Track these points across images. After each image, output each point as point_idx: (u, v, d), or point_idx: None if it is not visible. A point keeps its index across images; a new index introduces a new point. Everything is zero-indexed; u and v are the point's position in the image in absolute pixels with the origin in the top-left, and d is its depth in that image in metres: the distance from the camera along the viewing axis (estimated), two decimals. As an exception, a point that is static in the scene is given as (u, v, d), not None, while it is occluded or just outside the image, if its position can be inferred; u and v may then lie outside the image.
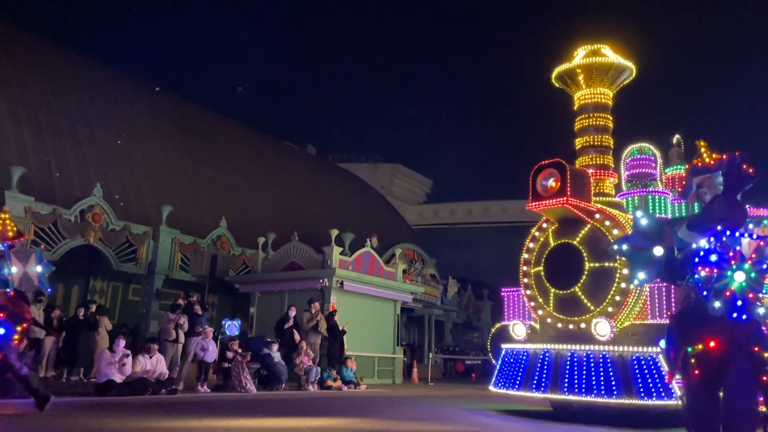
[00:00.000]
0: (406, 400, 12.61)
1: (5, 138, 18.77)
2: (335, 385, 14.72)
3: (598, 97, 10.17)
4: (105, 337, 14.45)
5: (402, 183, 52.20)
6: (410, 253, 26.70)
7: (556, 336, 9.11)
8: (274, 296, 18.95)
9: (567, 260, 9.03)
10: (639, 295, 8.69)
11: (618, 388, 8.12)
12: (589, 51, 10.17)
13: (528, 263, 9.69)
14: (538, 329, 9.58)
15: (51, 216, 17.04)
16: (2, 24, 23.78)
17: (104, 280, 19.67)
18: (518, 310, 10.47)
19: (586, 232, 9.00)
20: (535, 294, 9.50)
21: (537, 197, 8.95)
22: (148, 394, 10.80)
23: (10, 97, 19.89)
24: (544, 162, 8.98)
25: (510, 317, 10.43)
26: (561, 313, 9.09)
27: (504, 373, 9.58)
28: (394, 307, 20.58)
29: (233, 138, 30.45)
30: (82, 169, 20.32)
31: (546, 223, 9.60)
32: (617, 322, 8.57)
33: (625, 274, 8.44)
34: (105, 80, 25.48)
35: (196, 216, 23.24)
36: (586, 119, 10.20)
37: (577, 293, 8.92)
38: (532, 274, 9.58)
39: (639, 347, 8.22)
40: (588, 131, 10.17)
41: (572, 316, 8.96)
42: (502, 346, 9.86)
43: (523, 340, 9.45)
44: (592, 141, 10.14)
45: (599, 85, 10.14)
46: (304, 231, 22.55)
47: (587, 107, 10.21)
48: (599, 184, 9.93)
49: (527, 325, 9.58)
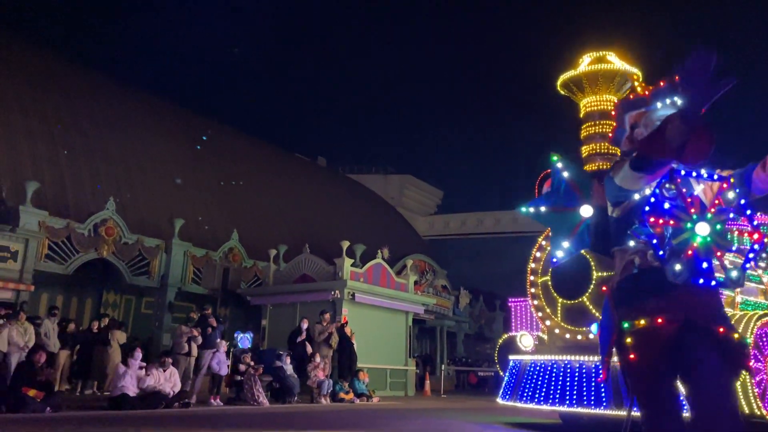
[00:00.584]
0: (417, 412, 12.54)
1: (20, 153, 19.01)
2: (347, 397, 14.67)
3: (604, 105, 10.01)
4: (118, 351, 14.50)
5: (412, 194, 52.18)
6: (421, 264, 26.66)
7: (564, 347, 8.96)
8: (286, 308, 18.97)
9: (574, 270, 8.77)
10: None
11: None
12: (594, 58, 10.08)
13: (535, 273, 9.53)
14: (546, 340, 9.43)
15: (65, 230, 17.20)
16: (17, 41, 24.16)
17: (117, 293, 19.80)
18: (525, 321, 10.30)
19: None
20: (542, 304, 9.33)
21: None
22: (161, 407, 10.82)
23: (25, 112, 20.15)
24: (549, 170, 8.91)
25: (517, 328, 10.25)
26: (569, 323, 8.92)
27: (511, 385, 9.40)
28: (406, 319, 20.53)
29: (244, 151, 30.64)
30: (95, 183, 20.52)
31: None
32: None
33: None
34: (117, 95, 25.78)
35: (208, 229, 23.36)
36: (591, 127, 10.06)
37: (585, 303, 8.74)
38: (539, 284, 9.43)
39: None
40: (594, 139, 9.99)
41: (581, 327, 8.77)
42: (510, 357, 9.69)
43: (530, 351, 9.30)
44: (599, 149, 9.93)
45: (605, 92, 10.00)
46: (316, 243, 22.59)
47: (593, 115, 10.07)
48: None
49: (534, 336, 9.42)
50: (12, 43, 23.37)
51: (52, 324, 13.64)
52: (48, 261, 16.82)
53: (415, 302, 21.02)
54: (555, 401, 8.51)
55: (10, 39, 23.70)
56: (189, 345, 13.17)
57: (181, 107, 30.85)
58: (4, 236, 15.42)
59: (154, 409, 10.63)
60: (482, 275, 51.12)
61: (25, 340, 12.49)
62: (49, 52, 25.92)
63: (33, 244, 16.02)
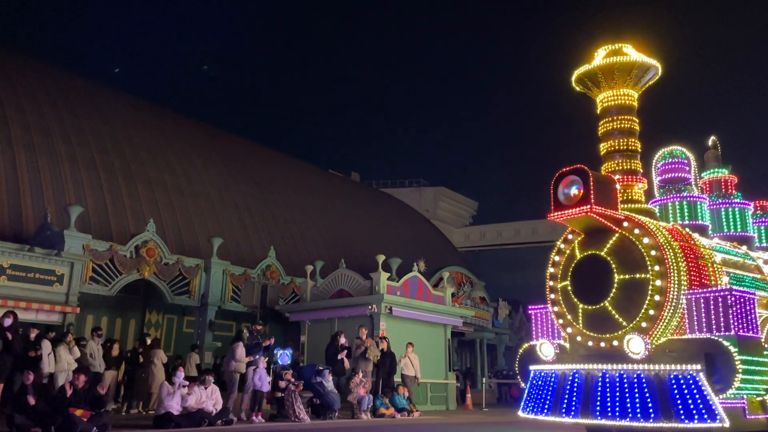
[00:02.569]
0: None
1: (64, 179, 19.60)
2: (388, 412, 14.58)
3: (621, 99, 9.58)
4: (161, 370, 14.73)
5: (447, 206, 51.99)
6: (458, 276, 26.45)
7: (587, 355, 8.52)
8: (324, 324, 19.01)
9: (595, 273, 8.40)
10: (675, 308, 8.04)
11: (655, 410, 7.42)
12: (610, 51, 9.61)
13: (554, 278, 9.07)
14: (568, 348, 8.96)
15: (108, 252, 17.60)
16: (57, 69, 25.02)
17: (159, 312, 20.13)
18: (546, 329, 9.82)
19: (614, 242, 8.39)
20: (563, 311, 8.87)
21: (559, 207, 8.33)
22: (204, 425, 10.94)
23: (67, 139, 20.80)
24: (565, 169, 8.39)
25: (538, 336, 9.79)
26: (591, 330, 8.47)
27: (532, 397, 8.93)
28: (445, 332, 20.36)
29: (279, 169, 31.03)
30: (135, 205, 21.00)
31: (571, 235, 9.01)
32: (652, 338, 7.94)
33: (659, 286, 7.92)
34: (155, 119, 26.44)
35: (246, 247, 23.65)
36: (609, 122, 9.63)
37: (607, 308, 8.28)
38: (558, 290, 8.95)
39: (677, 365, 7.56)
40: (612, 135, 9.59)
41: (603, 333, 8.33)
42: (530, 367, 9.23)
43: (551, 360, 8.85)
44: (618, 145, 9.55)
45: (622, 86, 9.55)
46: (351, 258, 22.65)
47: (611, 110, 9.64)
48: (627, 190, 9.33)
49: (555, 344, 8.98)
50: (53, 72, 24.22)
51: (96, 344, 13.93)
52: (92, 283, 17.22)
53: (453, 315, 20.83)
54: (577, 413, 8.08)
55: (50, 69, 24.57)
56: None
57: (216, 128, 31.45)
58: (50, 260, 15.86)
59: (198, 426, 10.74)
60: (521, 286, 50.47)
61: (71, 362, 12.80)
62: (87, 79, 26.76)
63: (78, 267, 16.44)
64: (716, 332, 7.69)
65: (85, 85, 25.09)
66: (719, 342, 7.42)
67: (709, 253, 8.97)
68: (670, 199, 10.22)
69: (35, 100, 21.15)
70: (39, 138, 19.93)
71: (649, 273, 8.01)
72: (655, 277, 7.96)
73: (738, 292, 7.88)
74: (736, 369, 7.20)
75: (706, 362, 7.41)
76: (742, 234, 10.89)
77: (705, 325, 7.83)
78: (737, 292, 7.86)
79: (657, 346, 7.92)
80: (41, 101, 21.36)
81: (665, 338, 8.03)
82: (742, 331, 7.66)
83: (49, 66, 24.93)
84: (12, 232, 17.07)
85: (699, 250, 8.75)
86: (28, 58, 24.08)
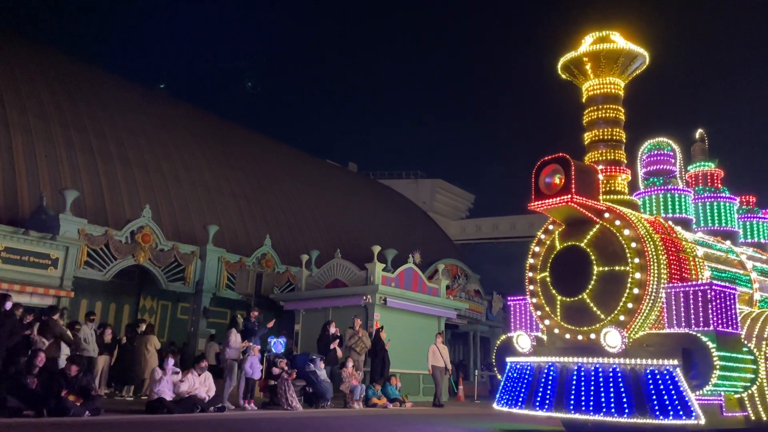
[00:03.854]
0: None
1: (60, 163, 19.54)
2: (380, 402, 14.65)
3: (607, 88, 9.37)
4: (154, 356, 14.73)
5: (443, 198, 51.94)
6: (453, 268, 26.50)
7: (564, 348, 8.34)
8: (318, 313, 19.05)
9: (574, 265, 8.22)
10: (654, 301, 7.89)
11: (630, 405, 7.29)
12: (597, 38, 9.36)
13: (533, 269, 8.87)
14: (545, 341, 8.81)
15: (103, 237, 17.57)
16: (55, 53, 24.88)
17: (154, 298, 20.14)
18: (525, 321, 9.69)
19: (595, 234, 8.22)
20: (541, 302, 8.70)
21: (540, 196, 8.15)
22: (197, 411, 10.96)
23: (64, 123, 20.72)
24: (547, 158, 8.20)
25: (516, 328, 9.61)
26: (569, 322, 8.30)
27: (507, 389, 8.77)
28: (438, 324, 20.43)
29: (276, 158, 30.96)
30: (131, 191, 20.96)
31: (552, 225, 8.84)
32: (630, 332, 7.79)
33: (638, 279, 7.79)
34: (151, 103, 26.34)
35: (242, 235, 23.64)
36: (594, 111, 9.41)
37: (585, 300, 8.11)
38: (537, 281, 8.76)
39: (654, 360, 7.39)
40: (597, 124, 9.38)
41: (581, 326, 8.18)
42: (507, 359, 9.06)
43: (527, 352, 8.69)
44: (602, 135, 9.35)
45: (608, 75, 9.32)
46: (347, 248, 22.68)
47: (596, 98, 9.42)
48: (610, 181, 9.13)
49: (532, 336, 8.81)
50: (51, 56, 24.08)
51: (90, 329, 13.93)
52: (87, 268, 17.21)
53: (448, 307, 20.89)
54: (551, 407, 7.94)
55: (49, 52, 24.42)
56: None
57: (214, 116, 31.35)
58: (45, 244, 15.83)
59: (190, 413, 10.77)
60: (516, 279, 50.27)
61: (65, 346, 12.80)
62: (87, 64, 26.62)
63: (73, 252, 16.42)
64: (695, 327, 7.55)
65: (83, 71, 24.96)
66: (697, 337, 7.29)
67: (691, 246, 8.81)
68: (654, 191, 10.05)
69: (33, 84, 21.04)
70: (36, 122, 19.84)
71: (629, 265, 7.88)
72: (635, 270, 7.83)
73: (718, 286, 7.73)
74: (714, 365, 7.06)
75: (684, 357, 7.26)
76: (727, 229, 10.72)
77: (684, 320, 7.70)
78: (717, 286, 7.71)
79: (634, 340, 7.80)
80: (39, 85, 21.25)
81: (643, 332, 7.89)
82: (722, 327, 7.53)
83: (48, 50, 24.78)
84: (7, 215, 17.03)
85: (681, 243, 8.59)
86: (26, 42, 23.92)
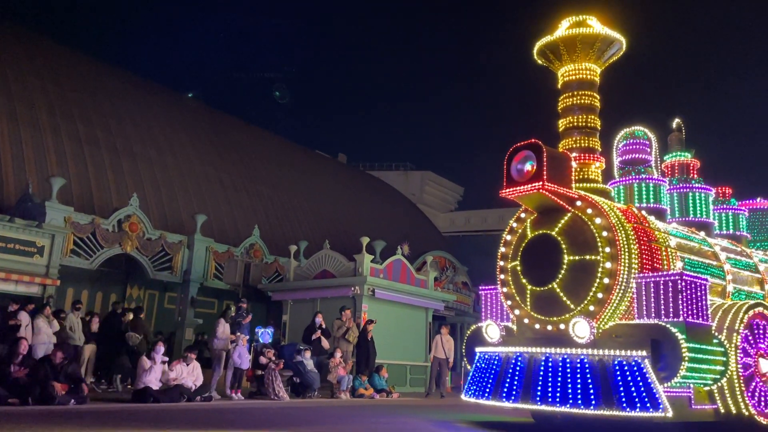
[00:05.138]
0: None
1: (46, 150, 19.34)
2: (367, 393, 14.71)
3: (583, 73, 9.18)
4: (141, 345, 14.67)
5: (433, 190, 52.01)
6: (441, 260, 26.57)
7: (533, 338, 8.20)
8: (306, 304, 19.06)
9: (545, 253, 8.07)
10: (625, 291, 7.76)
11: (597, 397, 7.15)
12: (573, 23, 9.19)
13: (505, 258, 8.72)
14: (515, 331, 8.67)
15: (90, 226, 17.45)
16: (43, 39, 24.57)
17: (141, 288, 20.04)
18: (495, 311, 9.58)
19: (566, 222, 8.07)
20: (511, 292, 8.55)
21: (512, 183, 7.99)
22: (183, 401, 10.96)
23: (51, 109, 20.50)
24: (518, 144, 8.04)
25: (487, 318, 9.49)
26: (538, 312, 8.17)
27: (475, 380, 8.60)
28: (426, 315, 20.51)
29: (266, 148, 30.83)
30: (119, 179, 20.80)
31: (525, 213, 8.70)
32: (599, 323, 7.66)
33: (608, 268, 7.62)
34: (140, 91, 26.10)
35: (230, 225, 23.56)
36: (569, 98, 9.21)
37: (555, 290, 7.97)
38: (508, 270, 8.61)
39: (622, 351, 7.24)
40: (572, 111, 9.18)
41: (550, 316, 8.05)
42: (476, 350, 8.92)
43: (496, 342, 8.54)
44: (576, 122, 9.15)
45: (584, 60, 9.15)
46: (336, 239, 22.67)
47: (571, 84, 9.22)
48: (583, 169, 8.97)
49: (501, 326, 8.66)
50: (38, 41, 23.78)
51: (76, 318, 13.85)
52: (73, 256, 17.09)
53: (435, 299, 20.97)
54: (518, 398, 7.76)
55: (36, 37, 24.11)
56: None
57: (204, 104, 31.15)
58: (30, 232, 15.69)
59: (177, 402, 10.77)
60: (503, 272, 50.45)
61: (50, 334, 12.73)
62: (75, 50, 26.31)
63: (59, 240, 16.29)
64: (665, 318, 7.41)
65: (71, 57, 24.67)
66: (666, 328, 7.15)
67: (664, 236, 8.67)
68: (629, 180, 9.92)
69: (19, 69, 20.78)
70: (22, 107, 19.61)
71: (600, 255, 7.73)
72: (605, 259, 7.69)
73: (689, 277, 7.59)
74: (683, 357, 6.94)
75: (653, 349, 7.11)
76: (702, 220, 10.58)
77: (654, 311, 7.54)
78: (688, 277, 7.57)
79: (604, 331, 7.66)
80: (25, 70, 20.99)
81: (613, 323, 7.76)
82: (692, 318, 7.41)
83: (35, 35, 24.46)
84: (-8, 202, 16.86)
85: (653, 233, 8.44)
86: (11, 27, 23.59)
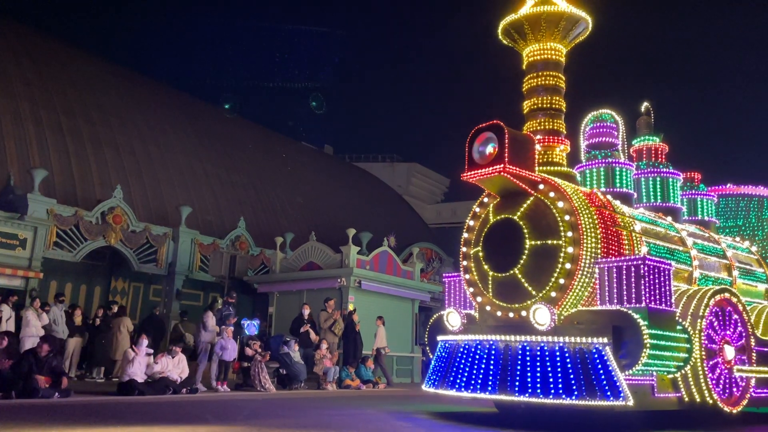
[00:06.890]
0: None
1: (28, 141, 19.09)
2: (354, 384, 14.75)
3: (548, 53, 8.90)
4: (126, 338, 14.61)
5: (419, 182, 52.04)
6: (428, 252, 26.65)
7: (495, 326, 7.95)
8: (293, 296, 19.05)
9: (507, 238, 7.81)
10: (588, 277, 7.54)
11: (555, 386, 6.93)
12: (537, 0, 8.91)
13: (468, 243, 8.44)
14: (477, 318, 8.40)
15: (73, 218, 17.28)
16: (26, 29, 24.19)
17: (125, 280, 19.90)
18: (458, 298, 9.28)
19: (528, 206, 7.83)
20: (474, 278, 8.25)
21: (473, 166, 7.78)
22: (169, 393, 10.93)
23: (33, 100, 20.21)
24: (481, 125, 7.79)
25: (450, 305, 9.23)
26: (500, 299, 7.92)
27: (435, 370, 8.37)
28: (412, 307, 20.58)
29: (251, 139, 30.64)
30: (102, 171, 20.59)
31: (487, 198, 8.46)
32: (561, 309, 7.42)
33: (571, 253, 7.41)
34: (125, 82, 25.81)
35: (215, 217, 23.43)
36: (534, 78, 8.93)
37: (516, 276, 7.69)
38: (471, 256, 8.32)
39: (583, 338, 7.06)
40: (536, 92, 8.90)
41: (512, 303, 7.78)
42: (438, 338, 8.67)
43: (457, 330, 8.27)
44: (541, 103, 8.87)
45: (549, 40, 8.88)
46: (322, 231, 22.62)
47: (536, 65, 8.94)
48: (548, 152, 8.69)
49: (463, 314, 8.37)
50: (20, 31, 23.41)
51: (60, 311, 13.76)
52: (56, 249, 16.93)
53: (422, 290, 21.04)
54: (475, 387, 7.52)
55: (18, 27, 23.74)
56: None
57: (189, 96, 30.87)
58: (12, 224, 15.52)
59: (162, 395, 10.73)
60: (489, 263, 50.60)
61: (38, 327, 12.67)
62: (57, 40, 25.95)
63: (41, 232, 16.12)
64: (627, 304, 7.21)
65: (53, 47, 24.31)
66: (628, 314, 6.94)
67: (629, 221, 8.49)
68: (595, 164, 9.76)
69: (-1, 59, 20.47)
70: (2, 98, 19.32)
71: (562, 239, 7.49)
72: (568, 244, 7.45)
73: (652, 261, 7.36)
74: (645, 343, 6.73)
75: (614, 335, 6.92)
76: (669, 205, 10.41)
77: (616, 297, 7.31)
78: (651, 261, 7.34)
79: (566, 318, 7.43)
80: (5, 60, 20.68)
81: (576, 309, 7.54)
82: (654, 304, 7.18)
83: (16, 24, 24.07)
84: (-27, 194, 16.63)
85: (618, 217, 8.25)
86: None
